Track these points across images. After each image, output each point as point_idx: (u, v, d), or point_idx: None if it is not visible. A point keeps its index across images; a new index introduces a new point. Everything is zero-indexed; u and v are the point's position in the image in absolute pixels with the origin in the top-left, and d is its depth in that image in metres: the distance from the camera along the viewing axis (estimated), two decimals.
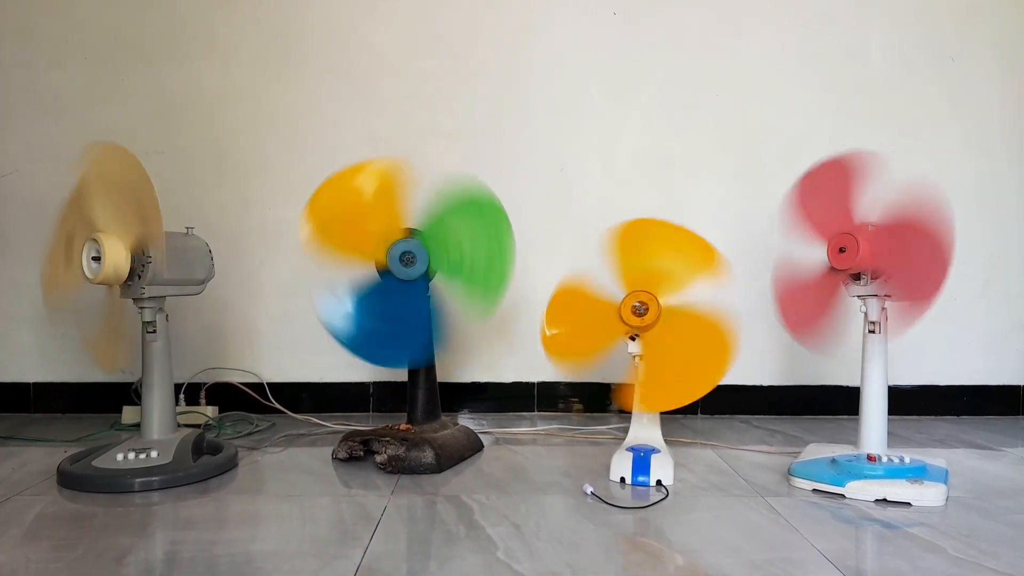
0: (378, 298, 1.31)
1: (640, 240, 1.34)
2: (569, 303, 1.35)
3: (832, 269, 1.20)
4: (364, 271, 1.34)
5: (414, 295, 1.30)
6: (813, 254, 1.23)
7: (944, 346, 1.85)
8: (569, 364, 1.36)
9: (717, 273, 1.29)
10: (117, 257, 1.16)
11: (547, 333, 1.34)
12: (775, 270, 1.28)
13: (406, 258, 1.29)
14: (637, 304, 1.26)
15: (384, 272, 1.32)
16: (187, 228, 1.36)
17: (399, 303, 1.30)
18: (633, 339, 1.29)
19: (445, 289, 1.34)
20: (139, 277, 1.21)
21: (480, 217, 1.33)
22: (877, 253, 1.17)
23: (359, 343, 1.31)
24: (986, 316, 1.86)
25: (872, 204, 1.20)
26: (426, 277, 1.33)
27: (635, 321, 1.26)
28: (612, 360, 1.33)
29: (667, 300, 1.27)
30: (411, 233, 1.32)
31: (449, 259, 1.32)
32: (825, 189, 1.25)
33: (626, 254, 1.32)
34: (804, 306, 1.25)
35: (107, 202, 1.18)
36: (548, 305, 1.35)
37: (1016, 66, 1.85)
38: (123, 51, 1.79)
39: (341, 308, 1.31)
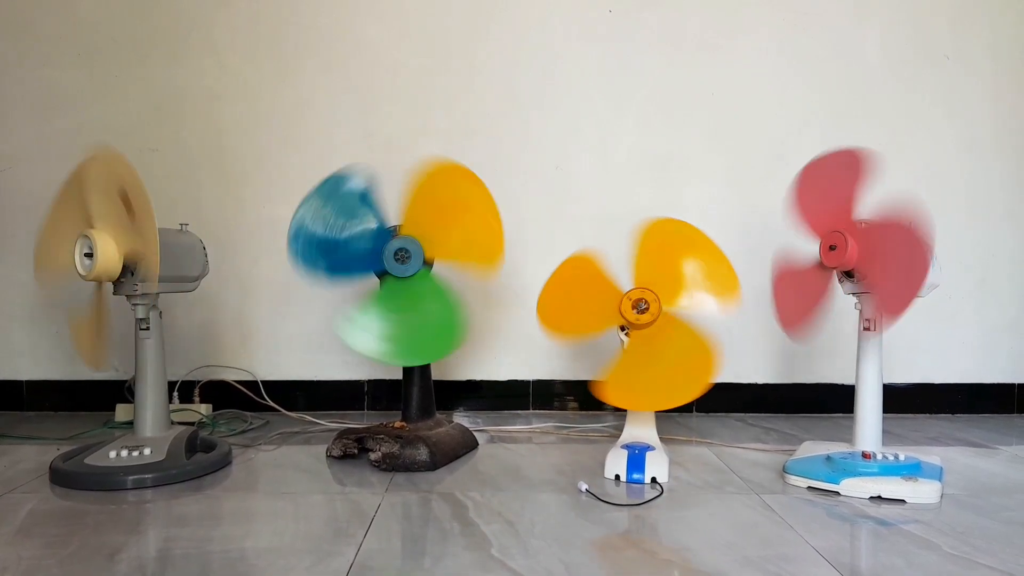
0: None
1: (669, 240, 1.33)
2: (576, 273, 1.34)
3: (823, 266, 1.20)
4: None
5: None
6: (811, 247, 1.22)
7: (938, 345, 1.86)
8: (558, 335, 1.35)
9: (731, 303, 1.28)
10: (109, 254, 1.15)
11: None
12: (773, 263, 1.28)
13: (401, 255, 1.29)
14: (639, 300, 1.25)
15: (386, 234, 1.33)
16: (181, 225, 1.35)
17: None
18: (623, 330, 1.29)
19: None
20: (132, 274, 1.20)
21: (443, 333, 1.32)
22: (864, 253, 1.17)
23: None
24: (980, 315, 1.86)
25: (867, 206, 1.20)
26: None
27: (633, 317, 1.25)
28: (608, 356, 1.32)
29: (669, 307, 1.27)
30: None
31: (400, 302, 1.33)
32: (824, 183, 1.24)
33: (650, 249, 1.31)
34: (796, 301, 1.25)
35: (103, 200, 1.17)
36: (556, 269, 1.35)
37: (1009, 66, 1.85)
38: (118, 48, 1.78)
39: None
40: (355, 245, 1.31)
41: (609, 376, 1.26)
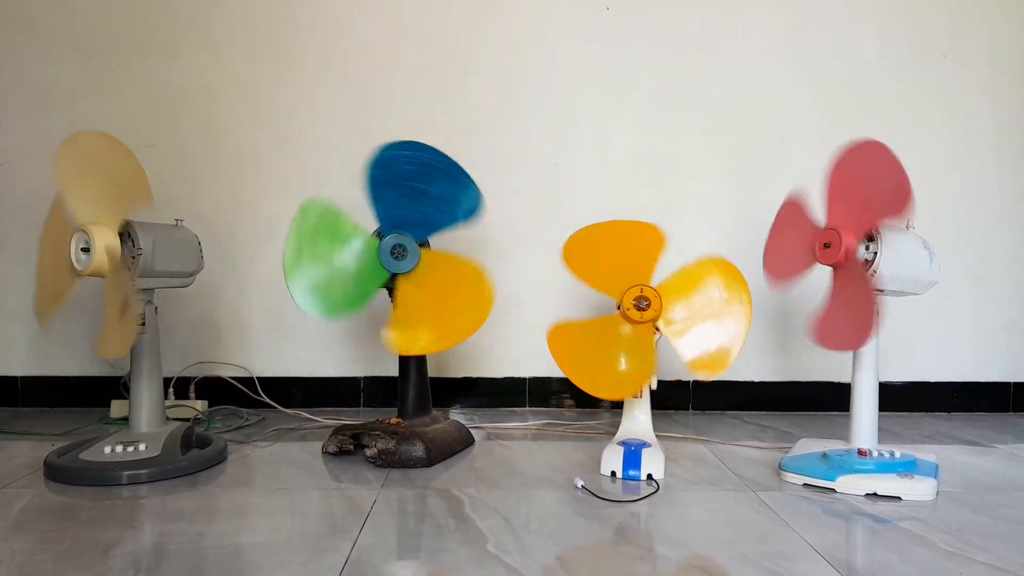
0: None
1: (594, 246, 1.35)
2: (576, 342, 1.34)
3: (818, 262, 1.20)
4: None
5: None
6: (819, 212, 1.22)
7: (935, 344, 1.86)
8: (626, 396, 1.36)
9: (664, 245, 1.29)
10: (107, 247, 1.15)
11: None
12: (785, 200, 1.28)
13: (397, 251, 1.29)
14: (636, 299, 1.25)
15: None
16: (176, 220, 1.35)
17: None
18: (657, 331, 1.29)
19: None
20: (129, 269, 1.20)
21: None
22: (844, 271, 1.17)
23: None
24: (976, 314, 1.86)
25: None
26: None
27: (639, 316, 1.25)
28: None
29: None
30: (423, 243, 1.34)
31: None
32: (870, 181, 1.19)
33: (589, 264, 1.34)
34: (786, 256, 1.25)
35: (85, 193, 1.17)
36: (554, 356, 1.33)
37: (1007, 65, 1.86)
38: (115, 44, 1.78)
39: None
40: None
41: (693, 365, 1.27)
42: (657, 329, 1.28)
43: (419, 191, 1.30)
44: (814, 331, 1.18)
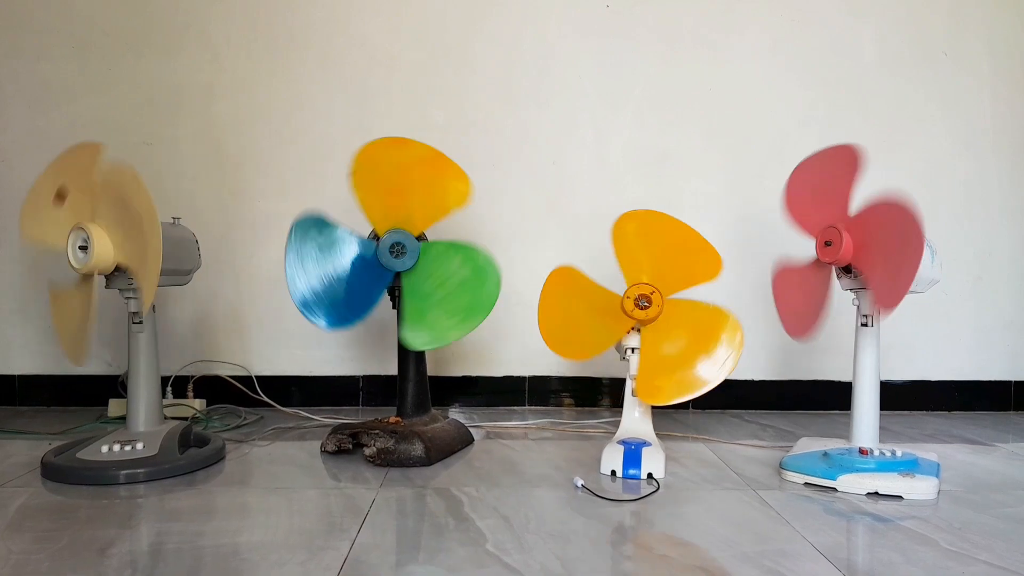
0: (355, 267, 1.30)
1: (649, 233, 1.33)
2: (566, 289, 1.34)
3: (821, 263, 1.20)
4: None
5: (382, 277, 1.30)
6: (808, 249, 1.22)
7: (935, 342, 1.85)
8: (572, 357, 1.34)
9: (714, 278, 1.28)
10: (106, 248, 1.14)
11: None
12: (774, 273, 1.28)
13: (396, 249, 1.28)
14: (640, 296, 1.25)
15: (371, 244, 1.31)
16: (174, 218, 1.34)
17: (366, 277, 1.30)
18: (636, 330, 1.28)
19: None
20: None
21: (477, 280, 1.32)
22: (859, 246, 1.16)
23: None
24: (977, 313, 1.86)
25: (860, 201, 1.19)
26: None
27: (638, 314, 1.25)
28: (605, 355, 1.32)
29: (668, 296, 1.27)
30: (420, 236, 1.32)
31: (426, 285, 1.30)
32: (816, 181, 1.25)
33: (632, 244, 1.31)
34: (798, 301, 1.25)
35: (110, 203, 1.16)
36: (543, 292, 1.33)
37: (1006, 64, 1.85)
38: (113, 42, 1.77)
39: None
40: (356, 277, 1.29)
41: (638, 381, 1.26)
42: (636, 329, 1.28)
43: None
44: (881, 304, 1.16)
